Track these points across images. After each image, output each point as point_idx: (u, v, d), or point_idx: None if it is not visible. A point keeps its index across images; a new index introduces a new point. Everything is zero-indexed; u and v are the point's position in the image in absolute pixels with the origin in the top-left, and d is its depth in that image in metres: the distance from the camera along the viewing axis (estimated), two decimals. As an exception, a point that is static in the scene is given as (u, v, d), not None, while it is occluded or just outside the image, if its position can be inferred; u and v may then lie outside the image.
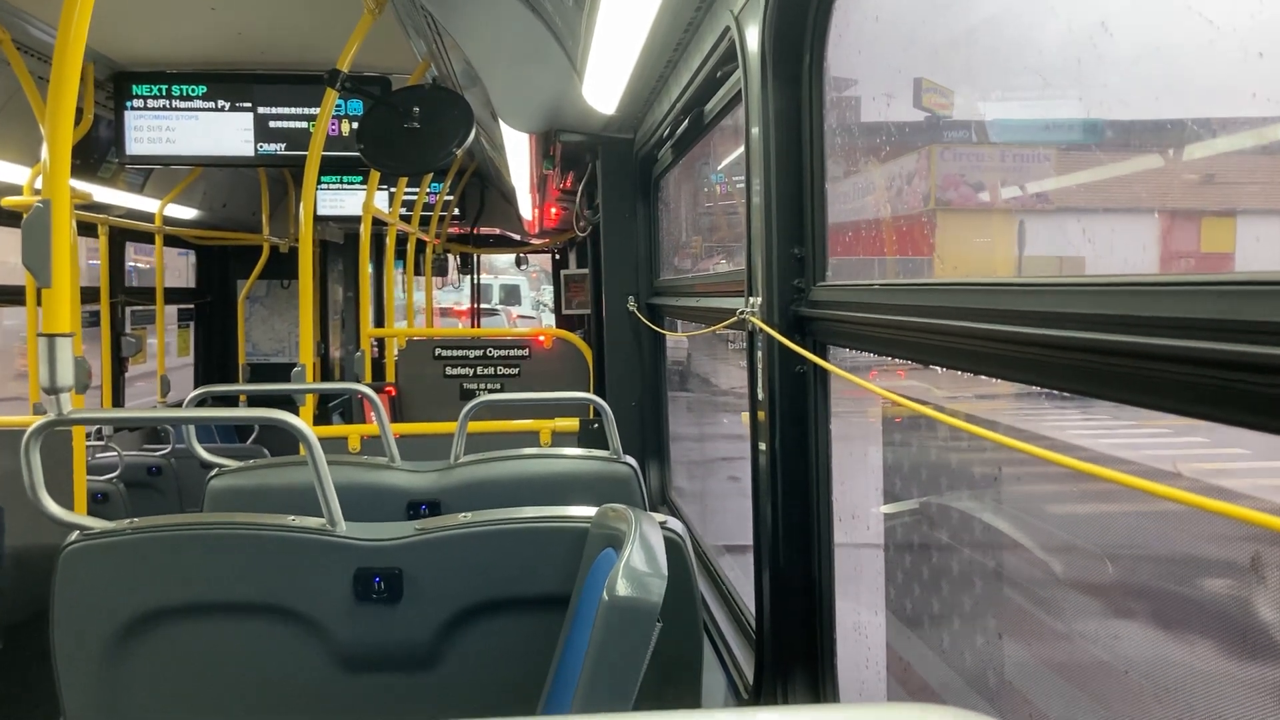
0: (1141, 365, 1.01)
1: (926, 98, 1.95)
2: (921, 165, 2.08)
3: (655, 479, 4.90)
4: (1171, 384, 0.98)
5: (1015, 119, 1.76)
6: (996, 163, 1.81)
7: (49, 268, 2.14)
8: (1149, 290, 1.02)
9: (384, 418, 3.03)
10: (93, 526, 2.11)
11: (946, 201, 1.98)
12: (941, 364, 1.57)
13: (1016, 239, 1.56)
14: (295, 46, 5.11)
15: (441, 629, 2.13)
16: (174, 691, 2.12)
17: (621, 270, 4.88)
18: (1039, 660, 1.74)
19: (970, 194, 1.95)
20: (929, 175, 2.06)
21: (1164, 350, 0.96)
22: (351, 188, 7.82)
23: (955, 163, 2.02)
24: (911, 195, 2.09)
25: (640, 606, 1.47)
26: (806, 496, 2.19)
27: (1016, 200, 1.71)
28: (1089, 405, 1.56)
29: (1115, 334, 1.04)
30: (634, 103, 3.96)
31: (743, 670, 2.63)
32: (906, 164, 2.11)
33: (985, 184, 1.91)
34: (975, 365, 1.44)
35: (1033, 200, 1.64)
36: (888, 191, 2.14)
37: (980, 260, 2.07)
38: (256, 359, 9.20)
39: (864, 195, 2.25)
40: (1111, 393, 1.10)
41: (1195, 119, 1.19)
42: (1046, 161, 1.59)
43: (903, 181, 2.11)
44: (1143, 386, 1.03)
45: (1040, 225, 1.64)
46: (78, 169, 5.55)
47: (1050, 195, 1.61)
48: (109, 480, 5.38)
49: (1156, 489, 0.94)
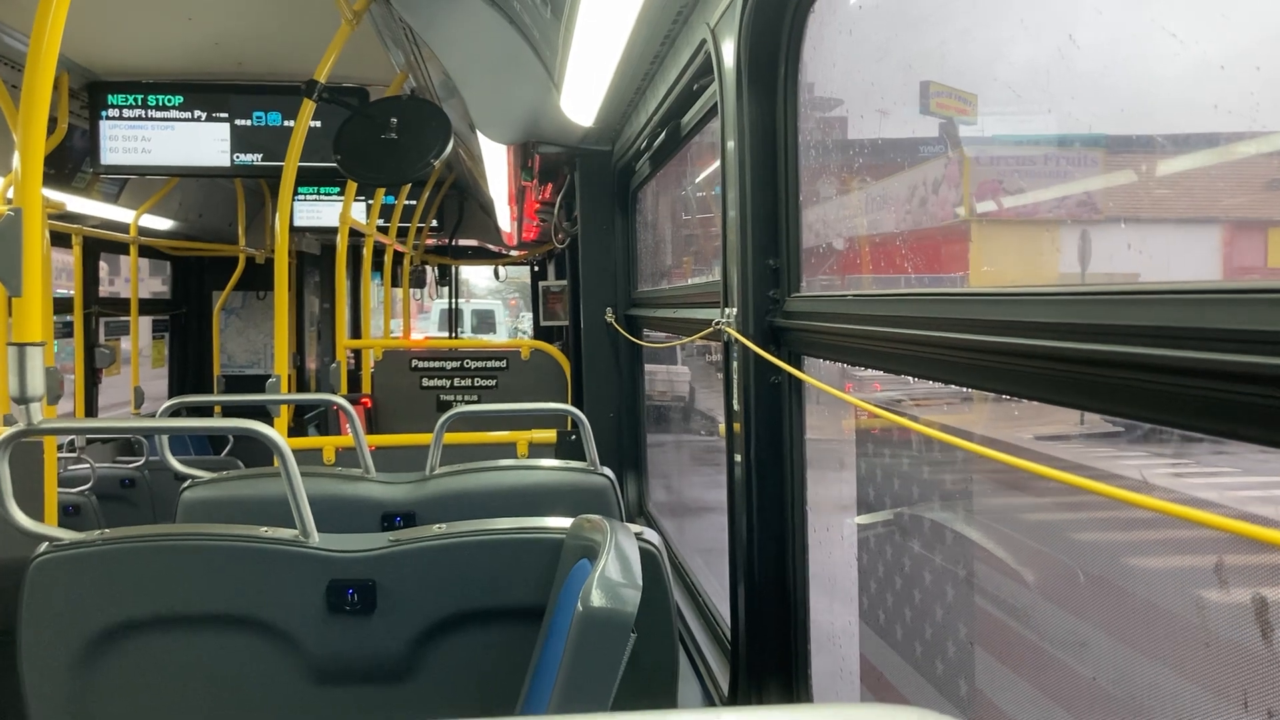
0: (1115, 374, 1.02)
1: (936, 102, 1.80)
2: (952, 173, 1.93)
3: (633, 490, 4.90)
4: (1145, 393, 0.99)
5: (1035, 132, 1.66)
6: (1040, 167, 1.63)
7: (19, 276, 2.12)
8: (1121, 300, 1.03)
9: (359, 429, 3.02)
10: (63, 538, 2.09)
11: (983, 212, 1.83)
12: (915, 374, 1.58)
13: (1078, 253, 1.44)
14: (272, 57, 5.09)
15: (415, 641, 2.12)
16: (144, 705, 2.10)
17: (599, 282, 4.88)
18: (1009, 667, 1.75)
19: (1010, 203, 1.77)
20: (961, 183, 1.90)
21: (1138, 359, 0.97)
22: (329, 199, 7.78)
23: (993, 168, 1.84)
24: (939, 206, 1.95)
25: (615, 617, 1.47)
26: (781, 506, 2.20)
27: (1062, 209, 1.56)
28: (1176, 447, 1.44)
29: (1087, 343, 1.05)
30: (612, 115, 3.98)
31: (718, 680, 2.63)
32: (931, 171, 1.97)
33: (1027, 192, 1.73)
34: (949, 375, 1.45)
35: (1079, 209, 1.52)
36: (909, 203, 2.03)
37: (1029, 277, 1.83)
38: (232, 371, 9.14)
39: (878, 209, 2.15)
40: (1083, 402, 1.11)
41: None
42: (1094, 166, 1.45)
43: (927, 191, 1.97)
44: (1116, 396, 1.04)
45: (1081, 236, 1.52)
46: (52, 178, 5.51)
47: (1099, 203, 1.52)
48: (81, 492, 5.31)
49: (1132, 498, 0.95)
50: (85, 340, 6.90)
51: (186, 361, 9.13)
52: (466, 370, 5.60)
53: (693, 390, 6.35)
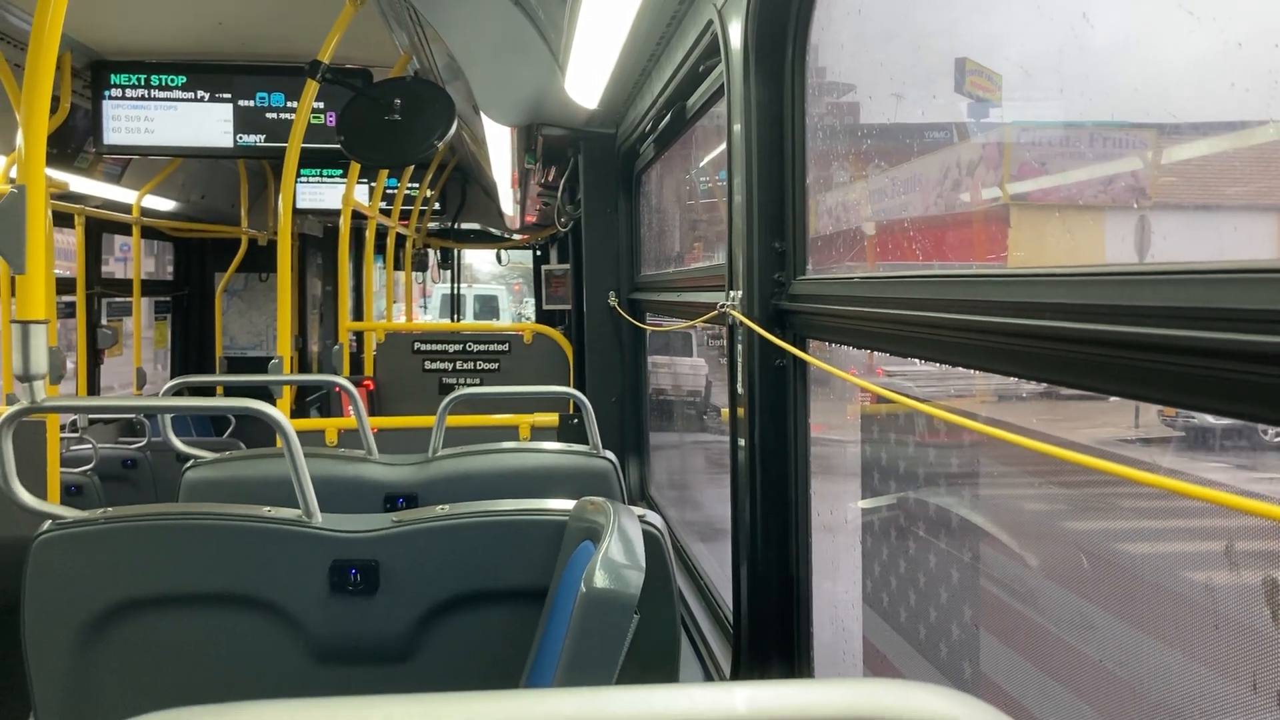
0: (1124, 355, 1.01)
1: (971, 80, 1.69)
2: (990, 154, 1.80)
3: (634, 474, 4.90)
4: (1154, 373, 0.98)
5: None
6: (1085, 148, 1.51)
7: (23, 254, 2.11)
8: (1130, 280, 1.02)
9: (361, 410, 3.01)
10: (66, 516, 2.09)
11: (1023, 195, 1.70)
12: (922, 357, 1.57)
13: (1135, 241, 1.33)
14: (276, 37, 5.07)
15: (418, 622, 2.12)
16: (146, 683, 2.10)
17: (603, 265, 4.87)
18: (1014, 650, 1.75)
19: (1053, 186, 1.64)
20: (1001, 165, 1.77)
21: (1147, 339, 0.96)
22: (331, 181, 7.76)
23: (1034, 150, 1.70)
24: (973, 190, 1.84)
25: (617, 599, 1.47)
26: (785, 490, 2.20)
27: (1110, 194, 1.46)
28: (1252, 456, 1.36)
29: (1097, 324, 1.04)
30: (616, 97, 3.96)
31: (719, 662, 2.63)
32: (966, 152, 1.85)
33: (1066, 172, 1.60)
34: (956, 357, 1.44)
35: (1127, 195, 1.42)
36: (938, 187, 1.94)
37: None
38: (234, 352, 9.13)
39: (902, 193, 2.08)
40: (1093, 383, 1.11)
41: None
42: (1143, 148, 1.35)
43: (962, 173, 1.86)
44: (1125, 377, 1.03)
45: (1139, 223, 1.44)
46: (55, 158, 5.49)
47: (1147, 189, 1.37)
48: (83, 472, 5.32)
49: (1141, 476, 0.94)
50: (88, 320, 6.89)
51: (189, 343, 9.12)
52: (469, 353, 5.60)
53: (709, 385, 6.14)
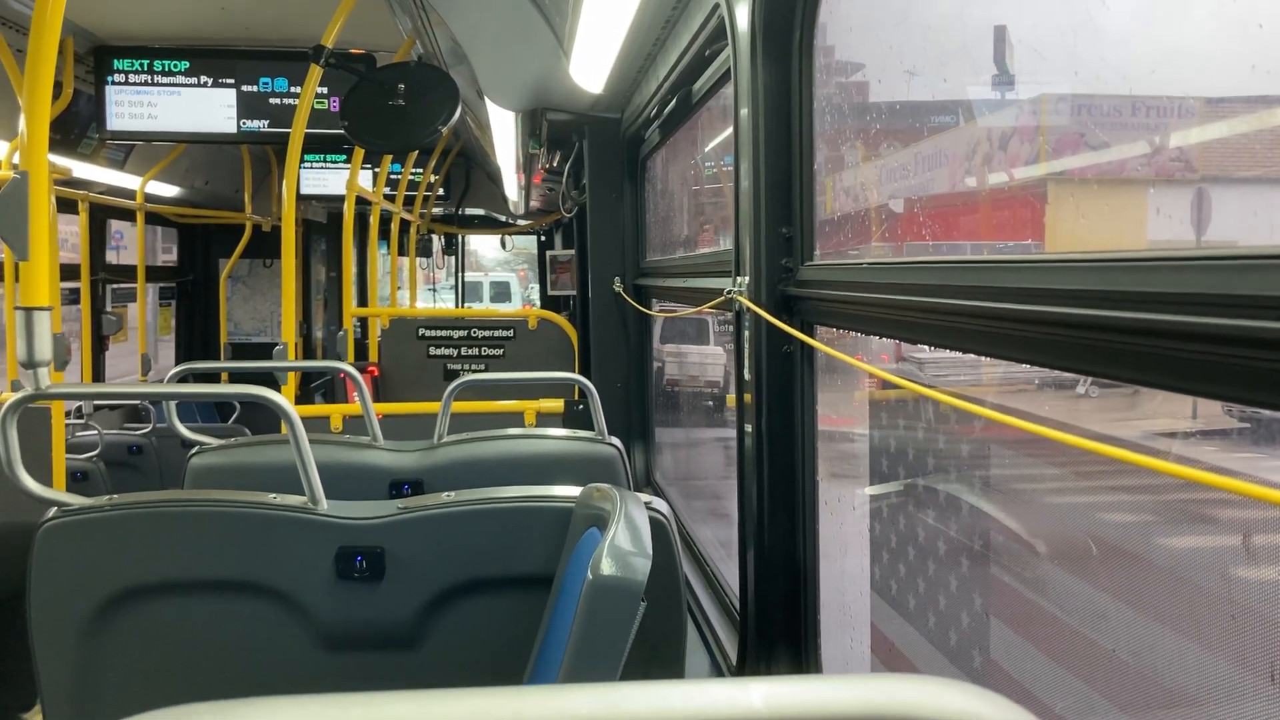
0: (1136, 341, 1.00)
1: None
2: (1025, 125, 1.67)
3: (639, 461, 4.89)
4: (1166, 360, 0.97)
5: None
6: (1127, 118, 1.40)
7: (26, 240, 2.10)
8: (1143, 266, 1.01)
9: (366, 396, 3.00)
10: (71, 503, 2.08)
11: (1061, 170, 1.58)
12: (930, 343, 1.56)
13: (1193, 219, 1.25)
14: (279, 21, 5.04)
15: (424, 608, 2.12)
16: (152, 669, 2.10)
17: (608, 251, 4.86)
18: (1024, 638, 1.74)
19: (1096, 159, 1.51)
20: (1037, 137, 1.65)
21: (1160, 326, 0.95)
22: (335, 166, 7.75)
23: (1075, 118, 1.55)
24: (1008, 164, 1.73)
25: (625, 585, 1.46)
26: (792, 476, 2.19)
27: (1158, 167, 1.36)
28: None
29: (1108, 310, 1.03)
30: (622, 82, 3.94)
31: (726, 650, 2.63)
32: (1003, 119, 1.72)
33: (1114, 147, 1.47)
34: (965, 343, 1.43)
35: (1176, 168, 1.33)
36: (967, 163, 1.84)
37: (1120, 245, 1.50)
38: (238, 338, 9.14)
39: (929, 169, 1.99)
40: (1104, 370, 1.09)
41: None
42: (1190, 116, 1.25)
43: (994, 147, 1.74)
44: (1137, 363, 1.02)
45: (1197, 197, 1.27)
46: (58, 144, 5.48)
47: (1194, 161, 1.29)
48: (88, 459, 5.33)
49: (1156, 464, 0.93)
50: (92, 307, 6.89)
51: (193, 329, 9.12)
52: (474, 339, 5.59)
53: (729, 376, 6.14)
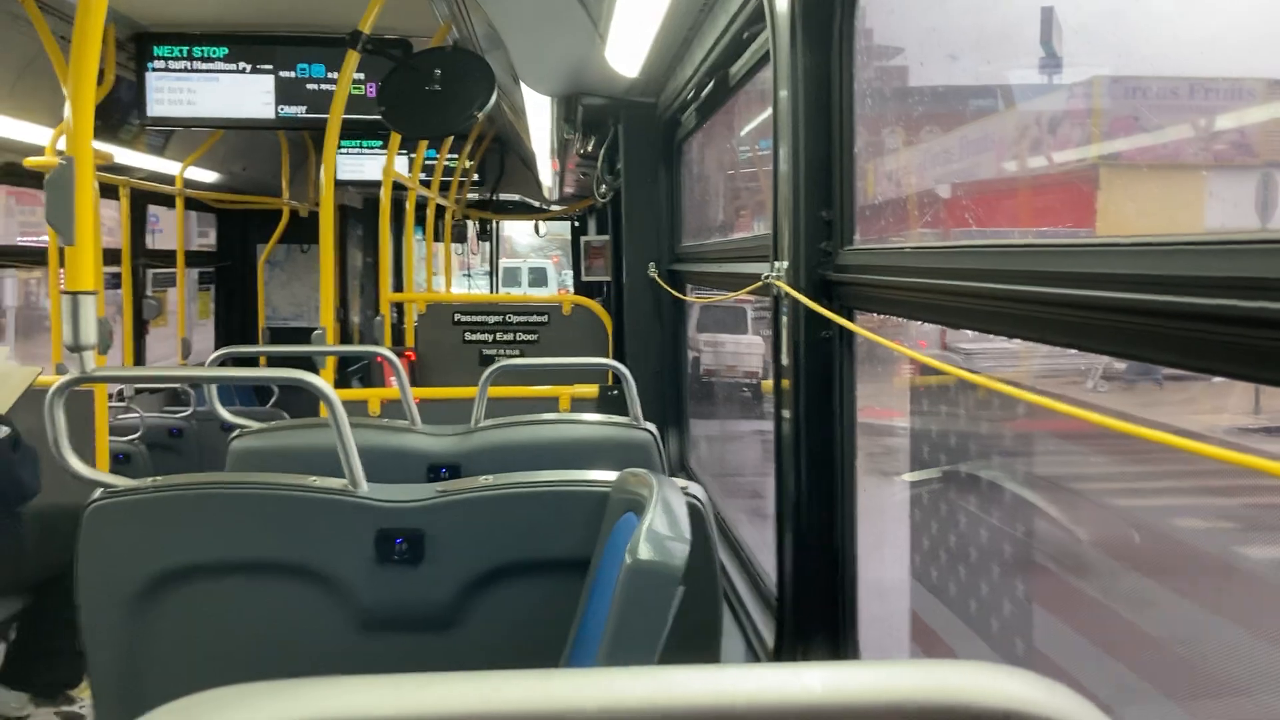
0: (1185, 326, 0.98)
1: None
2: (1076, 108, 1.60)
3: (674, 447, 4.89)
4: (1217, 345, 0.95)
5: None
6: (1184, 100, 1.33)
7: (72, 225, 2.13)
8: (1192, 249, 0.99)
9: (405, 381, 3.02)
10: (116, 484, 2.12)
11: (1114, 155, 1.52)
12: (974, 328, 1.54)
13: (1257, 204, 1.17)
14: (317, 8, 5.06)
15: (462, 591, 2.13)
16: (196, 648, 2.13)
17: (643, 236, 4.85)
18: (1068, 627, 1.73)
19: (1151, 141, 1.45)
20: (1088, 121, 1.58)
21: (1209, 310, 0.93)
22: (371, 152, 7.78)
23: (1128, 100, 1.47)
24: (1057, 149, 1.67)
25: (663, 570, 1.46)
26: (830, 462, 2.18)
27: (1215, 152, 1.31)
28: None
29: (1157, 294, 1.01)
30: (657, 65, 3.92)
31: (762, 636, 2.62)
32: (1054, 101, 1.66)
33: (1169, 129, 1.41)
34: (1010, 328, 1.42)
35: (1235, 153, 1.29)
36: (1014, 147, 1.78)
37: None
38: (276, 323, 9.23)
39: (975, 154, 1.94)
40: (1153, 355, 1.08)
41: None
42: (1250, 98, 1.21)
43: (1043, 131, 1.70)
44: (1186, 348, 1.00)
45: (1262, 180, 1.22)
46: (99, 130, 5.53)
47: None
48: (130, 441, 5.41)
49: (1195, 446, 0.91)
50: (133, 291, 6.98)
51: (232, 313, 9.22)
52: (509, 325, 5.60)
53: (767, 366, 6.11)
